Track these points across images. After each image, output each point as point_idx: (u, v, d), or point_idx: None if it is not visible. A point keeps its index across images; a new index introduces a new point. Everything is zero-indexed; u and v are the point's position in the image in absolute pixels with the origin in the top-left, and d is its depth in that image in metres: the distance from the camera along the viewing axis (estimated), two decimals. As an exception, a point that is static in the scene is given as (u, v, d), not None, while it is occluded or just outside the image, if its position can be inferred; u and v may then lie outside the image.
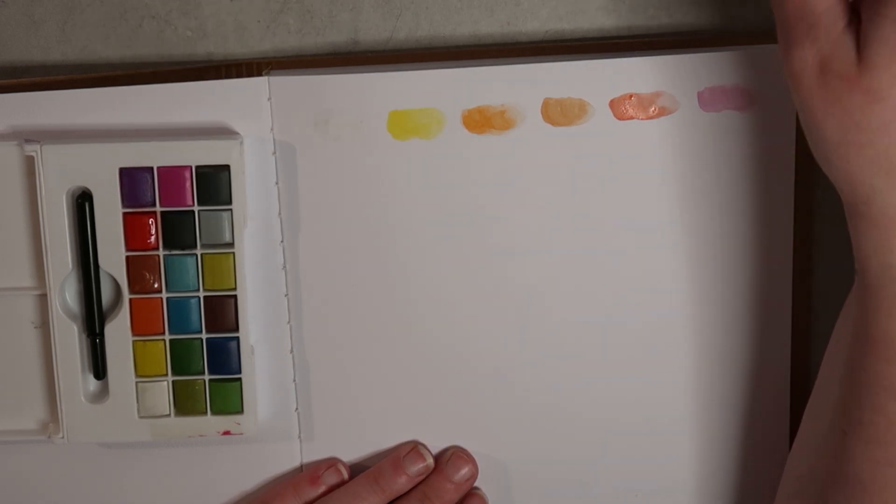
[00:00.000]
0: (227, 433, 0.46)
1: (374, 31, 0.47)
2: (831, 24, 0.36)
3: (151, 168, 0.44)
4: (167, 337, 0.46)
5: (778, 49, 0.37)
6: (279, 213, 0.46)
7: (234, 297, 0.45)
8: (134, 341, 0.46)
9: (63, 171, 0.44)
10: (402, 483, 0.47)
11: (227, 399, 0.46)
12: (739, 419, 0.48)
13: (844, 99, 0.36)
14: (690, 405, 0.47)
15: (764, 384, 0.47)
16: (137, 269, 0.45)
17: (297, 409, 0.48)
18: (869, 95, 0.35)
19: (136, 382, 0.46)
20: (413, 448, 0.47)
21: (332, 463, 0.48)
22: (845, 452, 0.39)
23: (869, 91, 0.35)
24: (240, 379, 0.46)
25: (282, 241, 0.46)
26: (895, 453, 0.38)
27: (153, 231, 0.45)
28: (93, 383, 0.46)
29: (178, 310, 0.45)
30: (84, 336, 0.46)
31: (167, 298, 0.45)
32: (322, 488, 0.47)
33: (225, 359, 0.46)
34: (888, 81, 0.35)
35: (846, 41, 0.35)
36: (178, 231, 0.45)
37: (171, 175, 0.44)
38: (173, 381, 0.46)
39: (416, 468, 0.47)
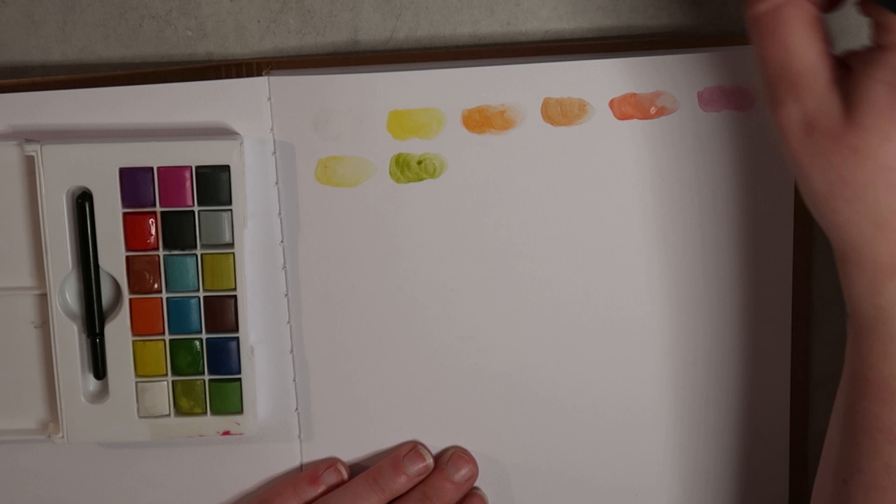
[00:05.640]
0: (226, 433, 0.46)
1: (374, 31, 0.47)
2: (814, 81, 0.36)
3: (151, 168, 0.44)
4: (167, 337, 0.46)
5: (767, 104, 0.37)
6: (279, 213, 0.46)
7: (234, 297, 0.45)
8: (134, 341, 0.46)
9: (63, 171, 0.44)
10: (401, 483, 0.47)
11: (227, 399, 0.46)
12: (740, 419, 0.48)
13: (831, 155, 0.36)
14: (691, 406, 0.47)
15: (764, 384, 0.47)
16: (137, 269, 0.45)
17: (296, 408, 0.48)
18: (855, 153, 0.35)
19: (136, 382, 0.46)
20: (413, 448, 0.47)
21: (331, 463, 0.48)
22: (847, 502, 0.38)
23: (856, 149, 0.35)
24: (239, 379, 0.46)
25: (282, 241, 0.46)
26: (893, 498, 0.37)
27: (153, 231, 0.45)
28: (93, 383, 0.46)
29: (177, 310, 0.45)
30: (84, 336, 0.46)
31: (167, 298, 0.45)
32: (322, 488, 0.47)
33: (225, 359, 0.46)
34: (876, 140, 0.35)
35: (831, 98, 0.36)
36: (178, 231, 0.45)
37: (171, 175, 0.44)
38: (173, 381, 0.46)
39: (416, 468, 0.47)
